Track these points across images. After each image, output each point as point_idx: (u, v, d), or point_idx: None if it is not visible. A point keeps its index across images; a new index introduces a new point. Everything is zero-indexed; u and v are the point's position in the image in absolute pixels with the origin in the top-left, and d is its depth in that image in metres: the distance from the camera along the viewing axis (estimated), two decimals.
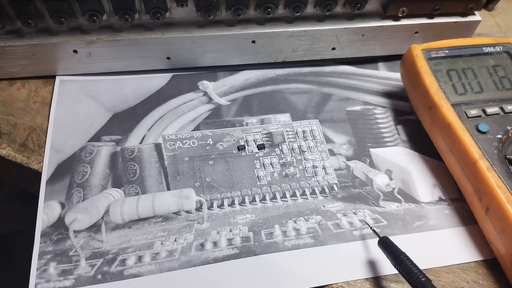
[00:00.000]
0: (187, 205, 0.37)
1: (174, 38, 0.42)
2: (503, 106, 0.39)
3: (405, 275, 0.30)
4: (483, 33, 0.53)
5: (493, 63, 0.42)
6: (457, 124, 0.37)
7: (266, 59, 0.47)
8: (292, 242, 0.35)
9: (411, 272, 0.30)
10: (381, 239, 0.33)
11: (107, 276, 0.33)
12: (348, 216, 0.37)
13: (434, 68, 0.41)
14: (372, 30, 0.45)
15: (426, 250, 0.35)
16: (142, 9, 0.40)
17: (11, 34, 0.41)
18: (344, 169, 0.41)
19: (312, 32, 0.44)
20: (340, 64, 0.50)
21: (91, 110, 0.43)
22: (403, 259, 0.31)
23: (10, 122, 0.42)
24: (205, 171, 0.40)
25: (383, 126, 0.44)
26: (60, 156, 0.40)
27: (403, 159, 0.42)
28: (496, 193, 0.33)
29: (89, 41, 0.41)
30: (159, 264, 0.34)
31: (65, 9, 0.38)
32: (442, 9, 0.45)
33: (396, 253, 0.31)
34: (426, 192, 0.39)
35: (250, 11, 0.42)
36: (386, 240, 0.33)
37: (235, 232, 0.36)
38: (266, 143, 0.42)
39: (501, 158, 0.36)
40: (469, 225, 0.37)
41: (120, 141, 0.41)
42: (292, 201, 0.38)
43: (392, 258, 0.32)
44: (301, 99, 0.46)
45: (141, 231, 0.36)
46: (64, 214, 0.36)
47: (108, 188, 0.38)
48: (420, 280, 0.29)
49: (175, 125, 0.43)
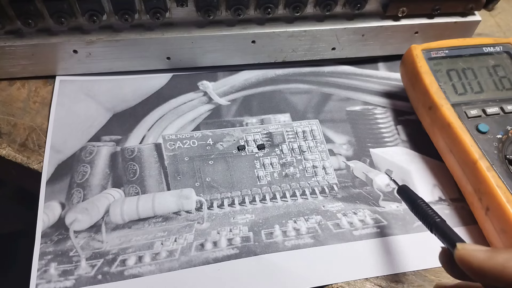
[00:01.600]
0: (187, 205, 0.37)
1: (174, 38, 0.42)
2: (503, 106, 0.39)
3: (421, 219, 0.31)
4: (483, 33, 0.53)
5: (493, 63, 0.42)
6: (457, 124, 0.37)
7: (266, 59, 0.47)
8: (292, 242, 0.35)
9: (427, 215, 0.30)
10: (400, 188, 0.34)
11: (107, 276, 0.33)
12: (348, 216, 0.37)
13: (434, 68, 0.41)
14: (372, 30, 0.45)
15: (426, 250, 0.35)
16: (142, 9, 0.40)
17: (11, 34, 0.41)
18: (344, 169, 0.41)
19: (312, 32, 0.44)
20: (340, 64, 0.50)
21: (91, 110, 0.43)
22: (420, 203, 0.31)
23: (10, 122, 0.42)
24: (205, 171, 0.40)
25: (383, 126, 0.44)
26: (60, 156, 0.40)
27: (403, 159, 0.42)
28: (496, 193, 0.33)
29: (89, 41, 0.41)
30: (159, 264, 0.34)
31: (65, 9, 0.38)
32: (442, 9, 0.45)
33: (413, 198, 0.32)
34: (426, 192, 0.39)
35: (250, 11, 0.42)
36: (405, 188, 0.34)
37: (235, 232, 0.36)
38: (266, 143, 0.42)
39: (501, 158, 0.36)
40: (469, 225, 0.37)
41: (120, 141, 0.41)
42: (292, 201, 0.38)
43: (409, 204, 0.32)
44: (301, 99, 0.46)
45: (141, 231, 0.36)
46: (64, 214, 0.36)
47: (108, 188, 0.38)
48: (434, 221, 0.29)
49: (175, 125, 0.43)
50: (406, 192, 0.33)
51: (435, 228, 0.29)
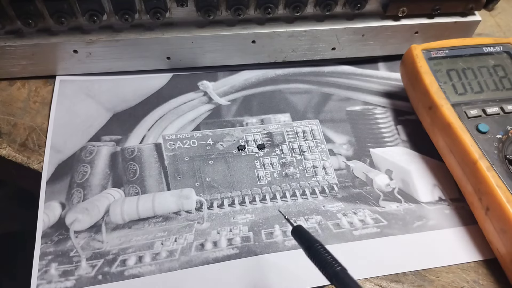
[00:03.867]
0: (187, 205, 0.38)
1: (174, 38, 0.42)
2: (503, 106, 0.39)
3: (318, 265, 0.27)
4: (483, 33, 0.53)
5: (493, 63, 0.42)
6: (457, 124, 0.37)
7: (266, 59, 0.47)
8: (292, 242, 0.35)
9: (325, 261, 0.26)
10: (295, 228, 0.30)
11: (107, 276, 0.33)
12: (348, 216, 0.37)
13: (434, 68, 0.41)
14: (372, 30, 0.45)
15: (426, 250, 0.36)
16: (142, 9, 0.40)
17: (11, 34, 0.41)
18: (344, 169, 0.41)
19: (312, 32, 0.44)
20: (340, 64, 0.50)
21: (91, 110, 0.43)
22: (317, 248, 0.27)
23: (10, 122, 0.42)
24: (205, 171, 0.40)
25: (383, 126, 0.44)
26: (60, 156, 0.40)
27: (403, 159, 0.42)
28: (496, 193, 0.33)
29: (89, 41, 0.41)
30: (159, 264, 0.34)
31: (65, 9, 0.38)
32: (442, 9, 0.45)
33: (309, 242, 0.28)
34: (426, 192, 0.39)
35: (250, 11, 0.42)
36: (300, 229, 0.30)
37: (235, 232, 0.36)
38: (266, 143, 0.42)
39: (501, 158, 0.36)
40: (469, 225, 0.37)
41: (120, 141, 0.41)
42: (292, 201, 0.38)
43: (305, 248, 0.28)
44: (301, 99, 0.46)
45: (141, 231, 0.36)
46: (64, 214, 0.36)
47: (108, 188, 0.38)
48: (335, 271, 0.26)
49: (175, 125, 0.43)
50: (302, 234, 0.29)
51: (335, 278, 0.25)
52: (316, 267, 0.27)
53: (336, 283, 0.25)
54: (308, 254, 0.28)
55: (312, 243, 0.28)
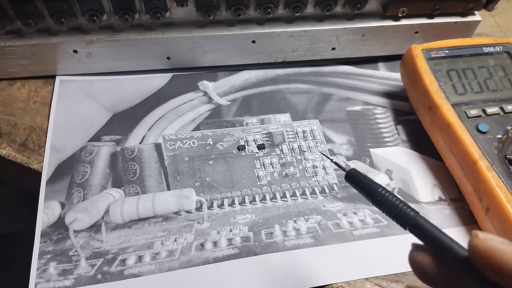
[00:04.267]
0: (187, 205, 0.37)
1: (174, 38, 0.42)
2: (503, 106, 0.39)
3: (387, 213, 0.25)
4: (483, 33, 0.53)
5: (493, 63, 0.42)
6: (457, 124, 0.37)
7: (266, 59, 0.47)
8: (292, 242, 0.35)
9: (395, 207, 0.24)
10: (348, 173, 0.27)
11: (107, 276, 0.33)
12: (348, 216, 0.37)
13: (434, 68, 0.41)
14: (372, 30, 0.45)
15: None
16: (142, 9, 0.40)
17: (11, 34, 0.41)
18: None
19: (312, 32, 0.44)
20: (340, 64, 0.50)
21: (91, 110, 0.43)
22: (382, 193, 0.25)
23: (10, 122, 0.42)
24: (205, 171, 0.40)
25: (383, 126, 0.44)
26: (60, 156, 0.40)
27: (403, 159, 0.42)
28: (496, 193, 0.33)
29: (89, 41, 0.41)
30: (159, 264, 0.34)
31: (65, 9, 0.38)
32: (442, 9, 0.45)
33: (370, 188, 0.25)
34: (426, 192, 0.39)
35: (250, 11, 0.42)
36: (355, 173, 0.26)
37: (235, 232, 0.36)
38: (266, 143, 0.42)
39: (501, 158, 0.36)
40: (469, 225, 0.37)
41: (120, 141, 0.41)
42: (292, 201, 0.38)
43: (366, 195, 0.26)
44: (301, 99, 0.46)
45: (141, 231, 0.36)
46: (64, 214, 0.36)
47: (108, 188, 0.38)
48: (408, 217, 0.23)
49: (175, 125, 0.43)
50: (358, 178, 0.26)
51: (409, 226, 0.24)
52: (384, 214, 0.25)
53: (412, 231, 0.23)
54: (372, 202, 0.25)
55: (375, 188, 0.25)
